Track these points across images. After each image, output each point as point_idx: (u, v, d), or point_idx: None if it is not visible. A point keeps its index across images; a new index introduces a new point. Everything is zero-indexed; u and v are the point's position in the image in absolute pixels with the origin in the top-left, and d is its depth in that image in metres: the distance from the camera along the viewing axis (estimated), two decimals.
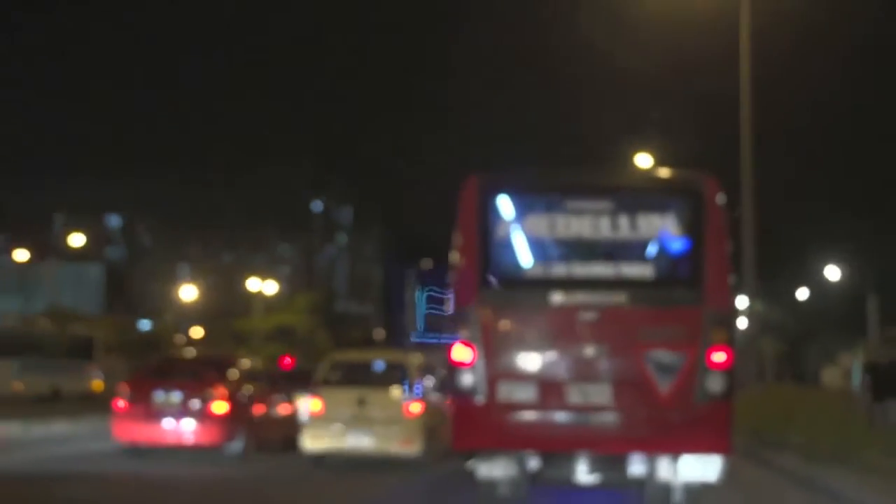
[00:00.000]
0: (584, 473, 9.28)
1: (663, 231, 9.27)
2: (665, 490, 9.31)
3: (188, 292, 59.03)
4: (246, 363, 16.87)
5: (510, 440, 9.19)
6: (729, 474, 9.28)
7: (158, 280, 66.88)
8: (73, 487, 11.36)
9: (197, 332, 62.67)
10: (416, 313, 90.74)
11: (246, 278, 64.22)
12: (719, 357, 8.88)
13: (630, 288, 9.19)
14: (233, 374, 15.40)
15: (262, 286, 61.99)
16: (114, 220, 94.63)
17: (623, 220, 9.25)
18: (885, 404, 14.96)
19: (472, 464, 9.43)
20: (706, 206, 9.17)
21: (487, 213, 9.36)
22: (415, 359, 15.00)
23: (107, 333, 42.98)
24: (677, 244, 9.27)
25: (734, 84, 21.55)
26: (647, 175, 10.41)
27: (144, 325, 59.20)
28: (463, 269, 9.37)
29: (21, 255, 55.30)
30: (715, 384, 8.88)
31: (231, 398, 14.53)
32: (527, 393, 9.08)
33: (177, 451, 14.31)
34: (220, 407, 14.28)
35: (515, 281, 9.37)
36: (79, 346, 35.35)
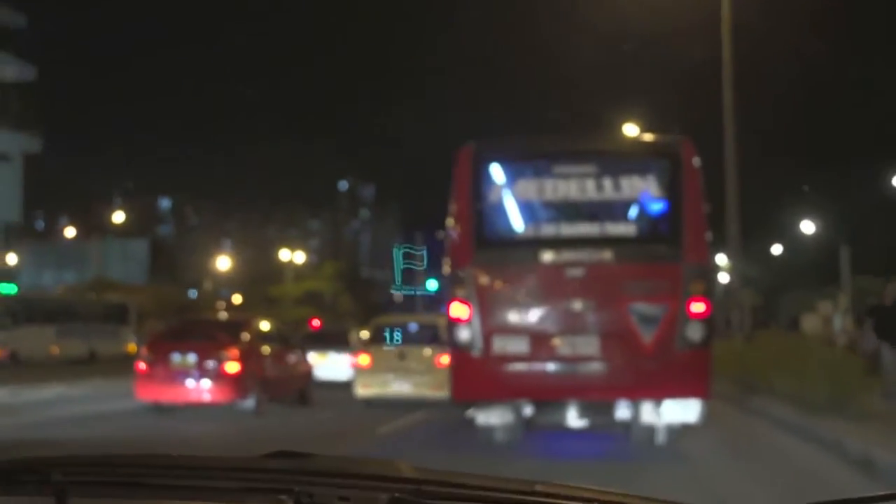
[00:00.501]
0: (574, 419, 9.13)
1: (644, 192, 9.05)
2: (649, 431, 9.13)
3: (223, 262, 59.09)
4: (261, 325, 16.44)
5: (505, 390, 9.01)
6: (713, 419, 9.04)
7: (201, 253, 67.11)
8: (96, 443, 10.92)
9: (237, 298, 62.53)
10: (394, 269, 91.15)
11: (278, 250, 64.41)
12: (698, 307, 8.67)
13: (614, 245, 8.97)
14: (246, 335, 15.04)
15: (293, 256, 62.14)
16: (164, 202, 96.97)
17: (607, 183, 9.03)
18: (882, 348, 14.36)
19: (471, 412, 9.27)
20: (683, 169, 8.96)
21: (481, 180, 9.14)
22: (443, 320, 15.23)
23: (148, 301, 43.09)
24: (657, 204, 9.04)
25: (715, 46, 20.34)
26: (629, 140, 10.18)
27: (192, 293, 59.55)
28: (459, 233, 9.17)
29: (70, 231, 55.78)
30: (694, 333, 8.68)
31: (243, 358, 14.14)
32: (520, 346, 8.87)
33: (195, 408, 14.17)
34: (232, 367, 13.95)
35: (507, 242, 9.15)
36: (114, 312, 35.01)
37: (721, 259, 55.31)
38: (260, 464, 1.76)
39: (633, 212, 9.06)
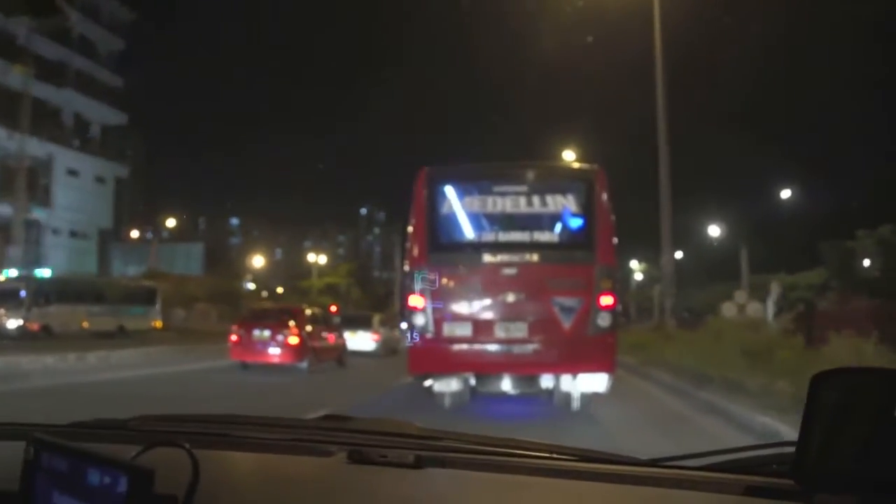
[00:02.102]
0: (508, 387, 8.47)
1: (565, 208, 8.34)
2: (567, 396, 8.47)
3: (258, 261, 58.26)
4: (308, 311, 17.49)
5: (452, 365, 8.26)
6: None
7: (251, 256, 67.80)
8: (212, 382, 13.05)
9: (280, 289, 63.49)
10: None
11: (303, 253, 64.83)
12: (607, 300, 8.05)
13: (541, 250, 8.24)
14: (300, 318, 16.16)
15: (318, 258, 62.13)
16: (234, 220, 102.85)
17: (536, 200, 8.35)
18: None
19: (429, 382, 8.55)
20: (596, 190, 8.30)
21: (434, 196, 8.40)
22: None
23: (198, 288, 41.88)
24: (575, 218, 8.32)
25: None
26: (554, 167, 9.46)
27: (249, 286, 59.20)
28: (416, 238, 8.42)
29: (134, 233, 54.00)
30: (603, 321, 8.02)
31: (299, 334, 15.44)
32: (464, 330, 8.16)
33: (268, 366, 15.26)
34: (293, 339, 15.31)
35: (455, 246, 8.37)
36: (143, 295, 31.65)
37: (634, 263, 55.15)
38: (315, 423, 1.85)
39: (556, 223, 8.32)
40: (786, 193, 30.88)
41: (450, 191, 8.34)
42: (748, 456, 1.49)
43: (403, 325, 13.35)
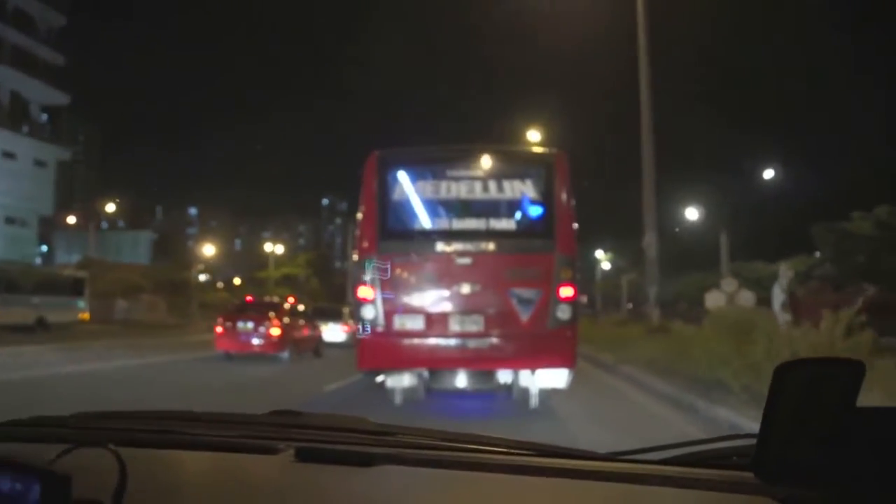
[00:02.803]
0: (463, 383, 8.27)
1: (524, 194, 8.16)
2: (526, 392, 8.33)
3: (209, 250, 57.27)
4: (288, 305, 18.85)
5: (403, 361, 8.07)
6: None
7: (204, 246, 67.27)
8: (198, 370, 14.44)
9: (237, 280, 64.05)
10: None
11: (263, 243, 64.26)
12: (567, 292, 7.88)
13: (498, 238, 8.04)
14: (281, 311, 17.62)
15: (274, 248, 61.56)
16: (193, 210, 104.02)
17: (492, 186, 8.14)
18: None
19: (381, 377, 8.37)
20: (556, 175, 8.12)
21: (385, 181, 8.14)
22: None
23: (141, 278, 40.80)
24: (534, 205, 8.15)
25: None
26: (512, 150, 9.25)
27: (202, 276, 58.39)
28: (366, 226, 8.17)
29: (70, 219, 51.99)
30: (563, 313, 7.86)
31: (281, 326, 16.90)
32: (416, 323, 7.94)
33: (252, 356, 16.69)
34: (275, 331, 16.78)
35: (406, 234, 8.13)
36: (68, 285, 29.75)
37: (599, 253, 55.23)
38: (263, 419, 1.80)
39: (514, 210, 8.15)
40: (768, 174, 29.23)
41: (401, 175, 8.11)
42: (708, 449, 1.49)
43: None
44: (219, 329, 16.88)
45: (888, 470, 1.09)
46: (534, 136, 22.94)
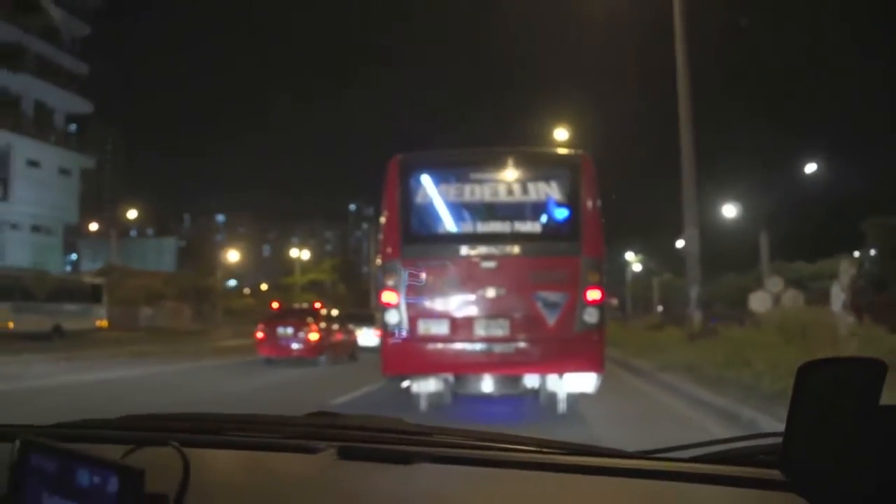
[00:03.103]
0: (489, 388, 8.28)
1: (549, 197, 8.20)
2: (554, 397, 8.29)
3: (233, 256, 57.76)
4: (326, 311, 19.77)
5: (428, 366, 8.10)
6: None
7: (245, 254, 68.50)
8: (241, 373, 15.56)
9: (263, 287, 65.44)
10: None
11: (289, 249, 64.92)
12: (594, 295, 7.89)
13: (523, 241, 8.08)
14: (319, 317, 18.53)
15: (300, 253, 62.08)
16: (220, 217, 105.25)
17: (517, 188, 8.19)
18: None
19: (407, 382, 8.40)
20: (582, 177, 8.13)
21: (407, 185, 8.22)
22: None
23: (165, 285, 41.19)
24: (560, 207, 8.17)
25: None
26: (537, 152, 9.26)
27: (230, 283, 59.20)
28: (389, 230, 8.26)
29: (92, 226, 52.66)
30: (590, 317, 7.87)
31: (318, 331, 17.88)
32: (441, 328, 8.00)
33: (291, 360, 17.59)
34: (313, 336, 17.73)
35: (430, 238, 8.21)
36: (86, 291, 29.94)
37: (630, 255, 54.70)
38: (303, 421, 1.87)
39: (540, 213, 8.18)
40: (810, 168, 27.97)
41: (424, 179, 8.17)
42: (735, 447, 1.52)
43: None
44: (259, 335, 18.04)
45: None
46: (561, 134, 22.90)
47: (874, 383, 1.10)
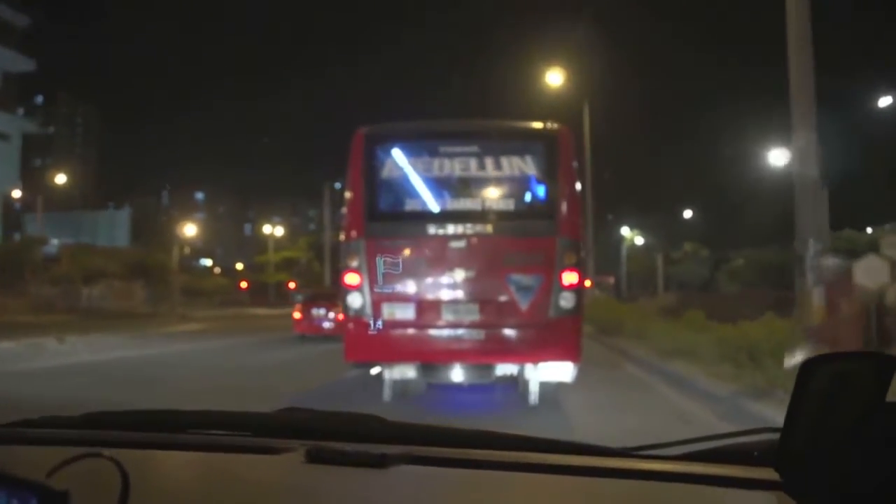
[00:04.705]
0: (459, 377, 8.43)
1: (523, 172, 8.34)
2: (530, 385, 8.44)
3: (189, 229, 56.51)
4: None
5: (393, 353, 8.27)
6: None
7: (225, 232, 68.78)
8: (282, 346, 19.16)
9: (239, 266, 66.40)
10: None
11: (262, 226, 65.28)
12: (570, 278, 8.02)
13: (495, 220, 8.23)
14: None
15: (273, 230, 62.13)
16: (199, 195, 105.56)
17: (489, 163, 8.30)
18: None
19: (377, 370, 8.56)
20: (560, 152, 8.27)
21: (372, 160, 8.34)
22: None
23: (112, 262, 40.25)
24: (535, 184, 8.34)
25: None
26: (510, 125, 9.36)
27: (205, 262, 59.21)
28: (352, 207, 8.39)
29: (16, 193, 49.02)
30: (567, 301, 8.01)
31: None
32: (406, 312, 8.14)
33: (324, 337, 19.98)
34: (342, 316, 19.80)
35: (396, 216, 8.37)
36: None
37: (625, 230, 54.50)
38: (272, 418, 1.84)
39: (514, 190, 8.34)
40: (885, 101, 23.67)
41: (390, 153, 8.31)
42: (728, 444, 1.53)
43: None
44: (297, 315, 21.80)
45: None
46: (554, 77, 23.11)
47: (882, 379, 1.12)
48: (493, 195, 8.29)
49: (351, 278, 8.14)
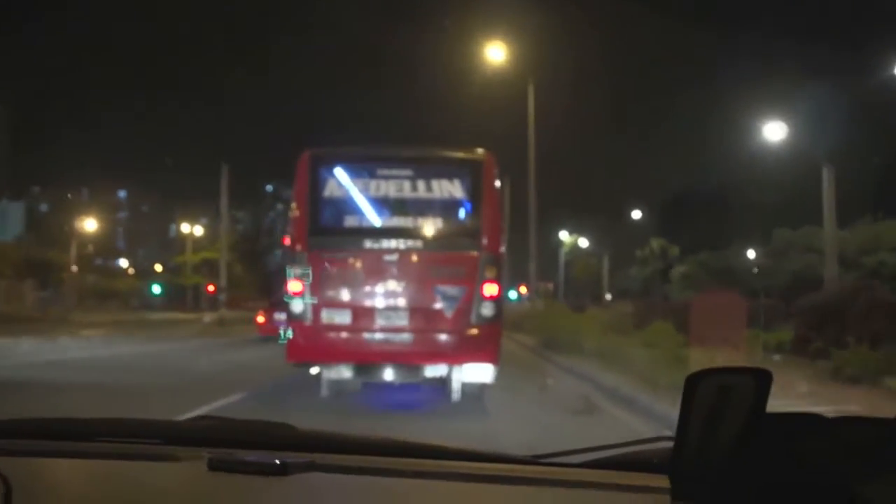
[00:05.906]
0: (390, 377, 9.89)
1: (451, 194, 9.88)
2: (463, 385, 9.94)
3: (89, 224, 56.04)
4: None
5: (331, 355, 9.71)
6: None
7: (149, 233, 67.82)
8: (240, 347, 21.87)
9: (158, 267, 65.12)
10: None
11: (180, 223, 64.41)
12: (491, 289, 9.58)
13: (424, 237, 9.75)
14: None
15: (192, 229, 61.69)
16: (122, 194, 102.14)
17: (421, 185, 9.83)
18: None
19: (316, 369, 9.97)
20: (484, 177, 9.85)
21: (316, 180, 9.81)
22: None
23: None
24: (461, 204, 9.90)
25: None
26: (440, 152, 10.90)
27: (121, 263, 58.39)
28: (297, 222, 9.88)
29: None
30: (487, 310, 9.56)
31: None
32: (344, 317, 9.60)
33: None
34: None
35: (336, 231, 9.82)
36: None
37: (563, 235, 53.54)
38: (177, 426, 2.02)
39: (442, 210, 9.87)
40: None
41: (333, 174, 9.80)
42: (628, 451, 1.67)
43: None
44: (260, 319, 25.22)
45: (794, 471, 1.28)
46: (496, 53, 24.39)
47: (761, 391, 1.24)
48: (423, 214, 9.81)
49: (293, 286, 9.56)
